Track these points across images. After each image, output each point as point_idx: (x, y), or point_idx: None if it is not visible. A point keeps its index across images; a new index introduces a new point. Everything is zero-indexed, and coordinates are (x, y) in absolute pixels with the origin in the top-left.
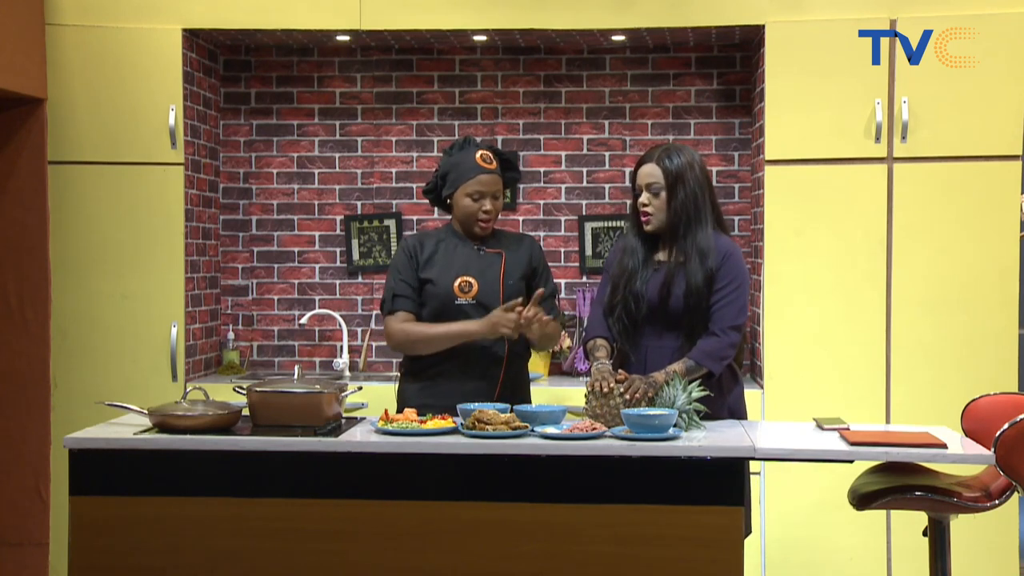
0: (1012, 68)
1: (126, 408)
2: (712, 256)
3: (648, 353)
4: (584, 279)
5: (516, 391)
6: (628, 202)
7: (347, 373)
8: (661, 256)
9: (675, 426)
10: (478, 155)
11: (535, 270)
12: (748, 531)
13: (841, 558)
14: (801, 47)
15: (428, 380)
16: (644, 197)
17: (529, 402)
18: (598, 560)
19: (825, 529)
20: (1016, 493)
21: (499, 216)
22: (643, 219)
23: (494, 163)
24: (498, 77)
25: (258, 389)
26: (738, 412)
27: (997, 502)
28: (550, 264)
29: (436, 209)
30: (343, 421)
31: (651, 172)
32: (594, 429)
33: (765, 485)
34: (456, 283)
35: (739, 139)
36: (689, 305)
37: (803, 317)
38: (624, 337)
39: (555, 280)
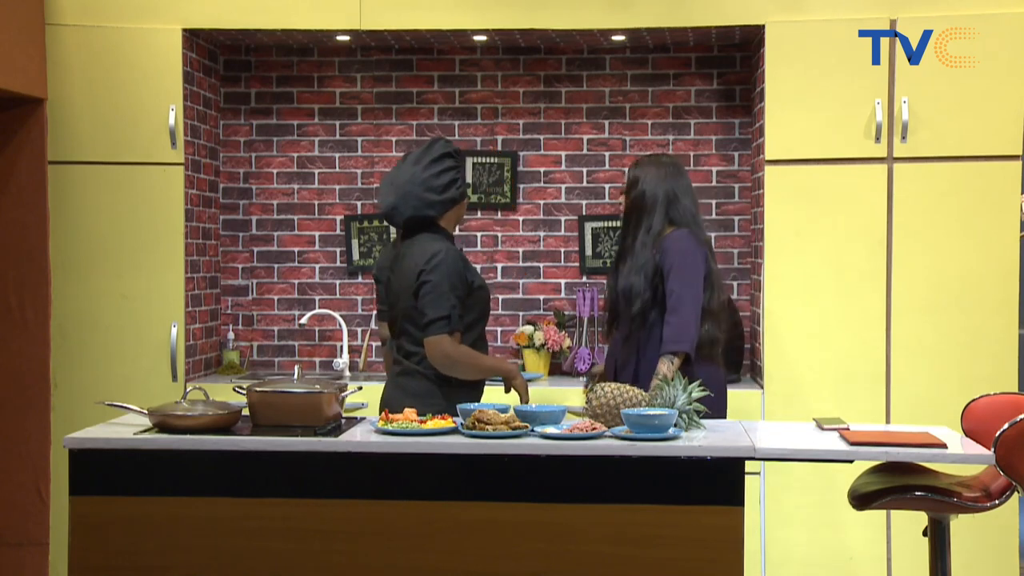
0: (1012, 68)
1: (126, 408)
2: (658, 251)
3: (620, 347)
4: (584, 279)
5: None
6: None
7: (347, 373)
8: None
9: (675, 426)
10: None
11: None
12: None
13: (841, 558)
14: (801, 47)
15: (479, 386)
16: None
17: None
18: (598, 560)
19: (825, 529)
20: (1016, 493)
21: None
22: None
23: None
24: (498, 77)
25: (258, 389)
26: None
27: (997, 502)
28: (550, 264)
29: None
30: (343, 421)
31: (626, 175)
32: (594, 429)
33: (765, 485)
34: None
35: (739, 139)
36: (628, 296)
37: (803, 317)
38: (611, 329)
39: (555, 280)
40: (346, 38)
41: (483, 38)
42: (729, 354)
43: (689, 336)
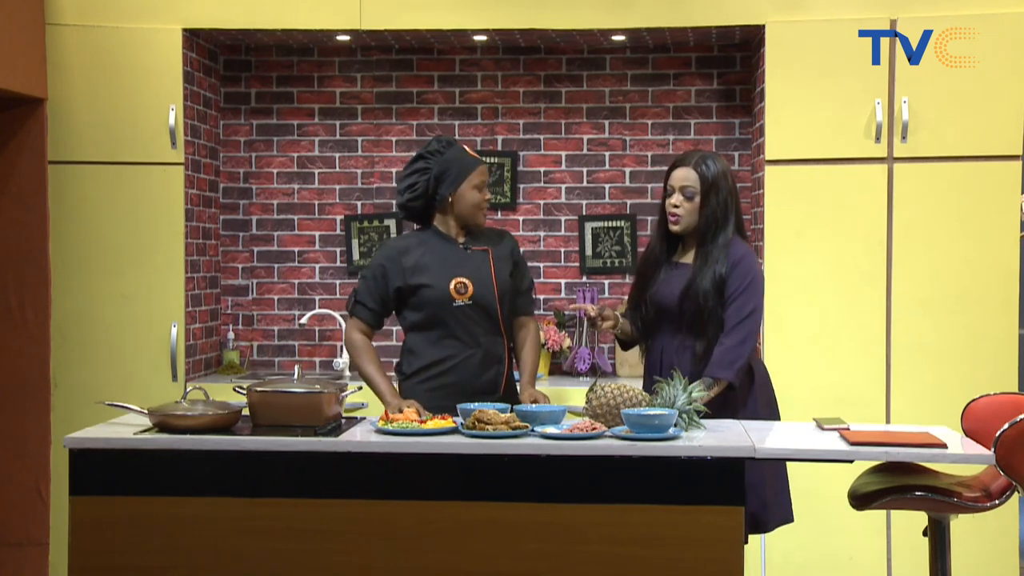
0: (1012, 68)
1: (126, 408)
2: (723, 262)
3: (664, 352)
4: (584, 279)
5: (511, 389)
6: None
7: (347, 373)
8: (684, 259)
9: (675, 426)
10: (466, 148)
11: (516, 264)
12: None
13: (841, 558)
14: (801, 47)
15: (436, 382)
16: (676, 198)
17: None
18: (598, 560)
19: (825, 529)
20: (1016, 493)
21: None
22: (671, 219)
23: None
24: (498, 77)
25: (258, 389)
26: (767, 409)
27: (997, 502)
28: (550, 264)
29: None
30: (343, 421)
31: (687, 176)
32: (594, 429)
33: None
34: (452, 285)
35: (739, 139)
36: (698, 305)
37: (803, 317)
38: (643, 333)
39: (555, 280)
40: (346, 38)
41: (483, 38)
42: None
43: (738, 365)
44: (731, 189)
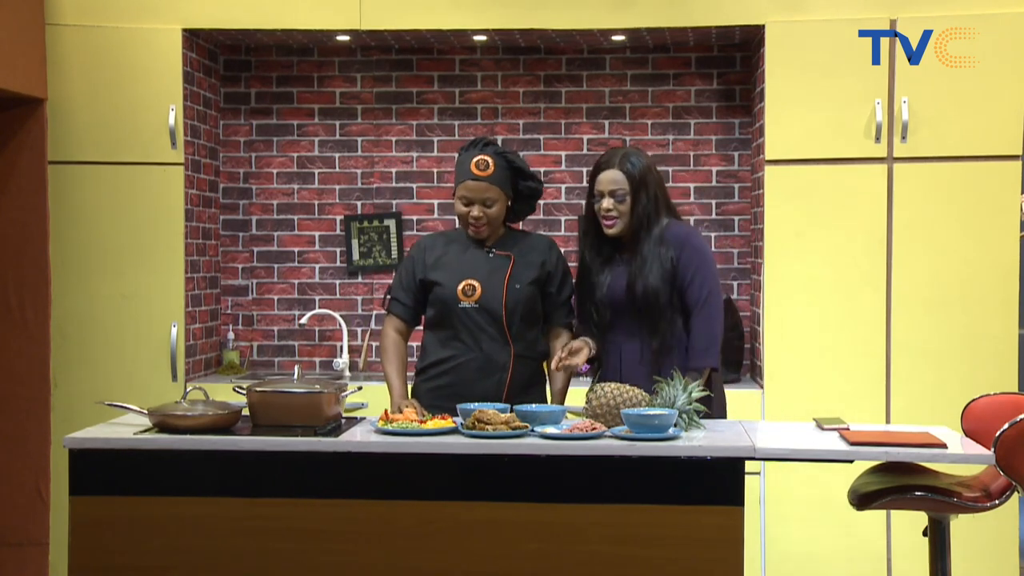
0: (1012, 68)
1: (126, 408)
2: (669, 247)
3: (623, 352)
4: None
5: (528, 390)
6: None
7: (347, 373)
8: (627, 253)
9: (675, 426)
10: (474, 160)
11: (550, 275)
12: None
13: (841, 558)
14: (801, 47)
15: (437, 381)
16: (607, 203)
17: (544, 400)
18: (598, 560)
19: (825, 529)
20: (1016, 493)
21: (501, 220)
22: (607, 224)
23: (489, 169)
24: (498, 77)
25: (258, 389)
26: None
27: (997, 502)
28: None
29: (436, 209)
30: (343, 421)
31: (614, 178)
32: (594, 429)
33: (765, 485)
34: (460, 286)
35: (739, 139)
36: (648, 303)
37: (803, 317)
38: (599, 341)
39: None
40: (346, 38)
41: (483, 38)
42: (729, 354)
43: (715, 349)
44: (658, 180)
